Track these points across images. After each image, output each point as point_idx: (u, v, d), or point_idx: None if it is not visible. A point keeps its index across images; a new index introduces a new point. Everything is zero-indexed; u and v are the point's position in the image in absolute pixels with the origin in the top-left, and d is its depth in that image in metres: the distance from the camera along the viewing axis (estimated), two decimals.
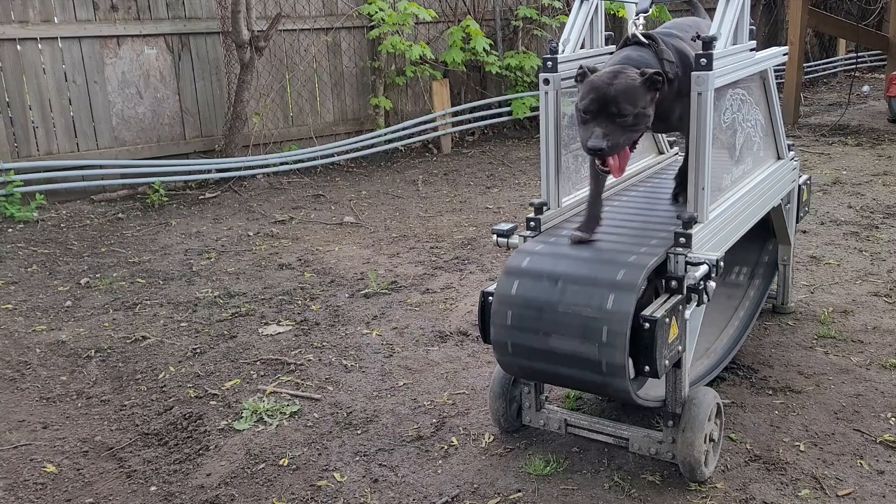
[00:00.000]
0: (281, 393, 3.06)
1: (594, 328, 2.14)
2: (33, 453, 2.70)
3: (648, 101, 2.25)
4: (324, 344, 3.50)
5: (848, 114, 8.73)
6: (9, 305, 4.06)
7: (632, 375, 2.18)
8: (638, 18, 2.47)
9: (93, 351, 3.49)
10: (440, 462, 2.56)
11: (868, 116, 8.76)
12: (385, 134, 7.54)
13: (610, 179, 2.94)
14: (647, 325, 2.12)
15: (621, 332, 2.11)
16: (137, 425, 2.87)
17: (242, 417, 2.87)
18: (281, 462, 2.60)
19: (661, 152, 3.45)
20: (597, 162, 2.28)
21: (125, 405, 3.02)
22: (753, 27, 2.69)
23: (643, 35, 2.42)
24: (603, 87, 2.21)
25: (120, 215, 5.80)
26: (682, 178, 2.73)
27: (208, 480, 2.51)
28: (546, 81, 2.49)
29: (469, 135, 8.39)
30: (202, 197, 6.26)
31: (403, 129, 7.66)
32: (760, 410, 2.78)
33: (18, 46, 5.92)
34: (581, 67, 2.31)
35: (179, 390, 3.12)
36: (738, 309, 3.38)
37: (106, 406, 3.02)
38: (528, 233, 2.53)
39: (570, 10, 3.76)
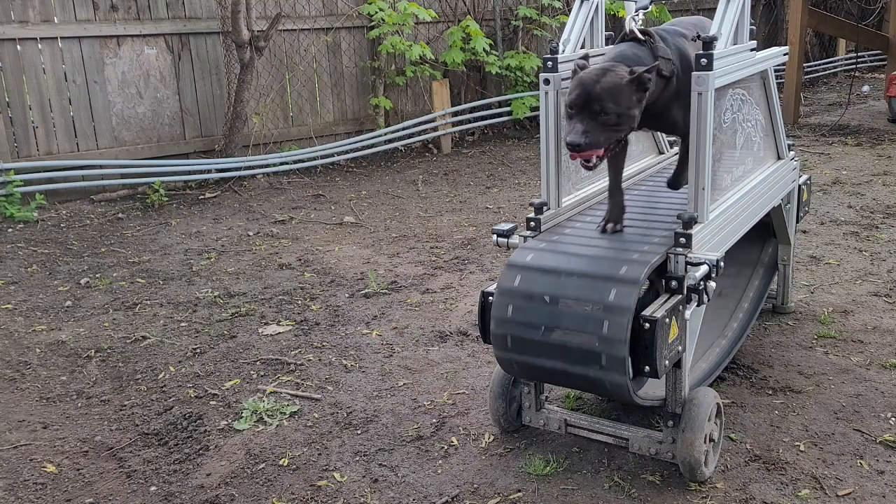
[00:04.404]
0: (281, 393, 3.06)
1: (595, 320, 2.14)
2: (33, 453, 2.70)
3: (635, 101, 2.21)
4: (324, 344, 3.50)
5: (848, 114, 8.72)
6: (9, 305, 4.06)
7: (631, 375, 2.18)
8: (637, 15, 2.46)
9: (93, 351, 3.49)
10: (440, 462, 2.56)
11: (868, 116, 8.76)
12: (385, 134, 7.54)
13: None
14: (647, 325, 2.12)
15: (622, 325, 2.11)
16: (137, 425, 2.87)
17: (242, 417, 2.87)
18: (281, 462, 2.60)
19: (661, 152, 3.45)
20: (578, 158, 2.24)
21: (125, 405, 3.02)
22: (753, 27, 2.70)
23: (641, 31, 2.39)
24: (589, 84, 2.19)
25: (120, 215, 5.80)
26: (679, 165, 2.70)
27: (208, 480, 2.51)
28: (546, 81, 2.50)
29: (469, 135, 8.39)
30: (202, 197, 6.26)
31: (403, 129, 7.66)
32: (760, 410, 2.78)
33: (18, 46, 5.91)
34: (575, 64, 2.30)
35: (179, 390, 3.12)
36: (736, 309, 3.38)
37: (106, 406, 3.02)
38: (528, 233, 2.53)
39: (570, 10, 3.76)
